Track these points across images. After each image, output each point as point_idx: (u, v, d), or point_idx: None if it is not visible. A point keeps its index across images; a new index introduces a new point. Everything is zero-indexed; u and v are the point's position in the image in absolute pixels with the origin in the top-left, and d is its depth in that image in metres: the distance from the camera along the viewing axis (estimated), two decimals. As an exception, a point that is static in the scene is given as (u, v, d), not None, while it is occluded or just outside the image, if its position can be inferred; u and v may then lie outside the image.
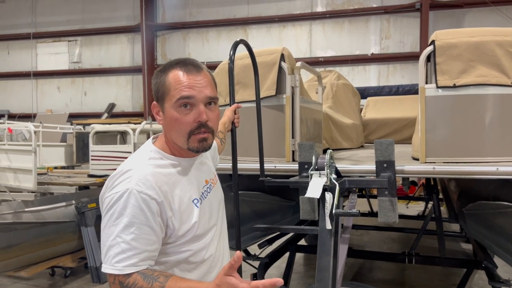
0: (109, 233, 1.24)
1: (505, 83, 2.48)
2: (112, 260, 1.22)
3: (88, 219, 4.49)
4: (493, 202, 2.75)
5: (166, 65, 1.40)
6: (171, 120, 1.34)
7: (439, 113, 2.57)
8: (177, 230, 1.33)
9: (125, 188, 1.26)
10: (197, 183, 1.44)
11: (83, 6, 15.12)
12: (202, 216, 1.40)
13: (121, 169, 1.33)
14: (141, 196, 1.25)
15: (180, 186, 1.37)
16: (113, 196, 1.26)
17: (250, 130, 2.76)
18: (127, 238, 1.22)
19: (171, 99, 1.33)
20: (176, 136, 1.36)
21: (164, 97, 1.35)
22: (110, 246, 1.23)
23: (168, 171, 1.36)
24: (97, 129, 6.70)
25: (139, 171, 1.31)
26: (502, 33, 2.56)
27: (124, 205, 1.24)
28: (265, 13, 13.31)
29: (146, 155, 1.39)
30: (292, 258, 4.09)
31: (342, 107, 5.10)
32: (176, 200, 1.34)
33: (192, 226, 1.36)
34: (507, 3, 11.17)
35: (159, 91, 1.37)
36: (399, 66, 12.37)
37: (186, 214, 1.36)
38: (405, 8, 12.07)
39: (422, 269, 5.07)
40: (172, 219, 1.32)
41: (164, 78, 1.36)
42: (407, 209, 9.00)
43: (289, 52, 3.12)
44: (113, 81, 15.14)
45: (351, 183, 2.34)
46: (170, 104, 1.33)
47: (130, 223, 1.23)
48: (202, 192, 1.45)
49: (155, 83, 1.39)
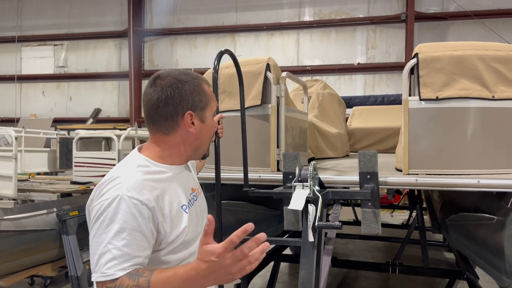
0: (99, 241, 1.22)
1: (486, 96, 2.52)
2: (103, 268, 1.19)
3: (70, 227, 4.40)
4: (475, 213, 2.79)
5: (195, 77, 1.45)
6: (211, 127, 1.50)
7: (422, 125, 2.59)
8: (168, 235, 1.33)
9: (115, 194, 1.25)
10: (185, 190, 1.45)
11: (70, 10, 14.98)
12: (191, 222, 1.41)
13: (109, 176, 1.32)
14: (132, 201, 1.24)
15: (170, 192, 1.37)
16: (103, 203, 1.25)
17: (235, 139, 2.75)
18: (119, 244, 1.20)
19: (212, 108, 1.48)
20: (207, 142, 1.50)
21: (206, 106, 1.45)
22: (102, 253, 1.20)
23: (157, 177, 1.36)
24: (81, 135, 6.61)
25: (128, 177, 1.30)
26: (483, 47, 2.61)
27: (115, 212, 1.23)
28: (253, 21, 13.38)
29: (134, 162, 1.38)
30: (277, 267, 4.07)
31: (327, 117, 5.13)
32: (166, 205, 1.34)
33: (182, 231, 1.36)
34: (490, 16, 11.42)
35: (201, 101, 1.43)
36: (384, 76, 12.53)
37: (176, 219, 1.36)
38: (391, 19, 12.26)
39: (406, 279, 5.09)
40: (163, 224, 1.31)
41: (201, 88, 1.44)
42: (392, 218, 9.06)
43: (274, 62, 3.13)
44: (99, 86, 15.00)
45: (334, 194, 2.35)
46: (211, 113, 1.48)
47: (121, 229, 1.21)
48: (189, 199, 1.46)
49: (191, 92, 1.39)
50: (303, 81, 4.18)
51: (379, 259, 6.11)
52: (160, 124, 1.40)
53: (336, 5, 12.77)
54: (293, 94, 4.83)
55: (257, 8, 13.36)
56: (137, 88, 14.21)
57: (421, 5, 11.99)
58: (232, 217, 3.19)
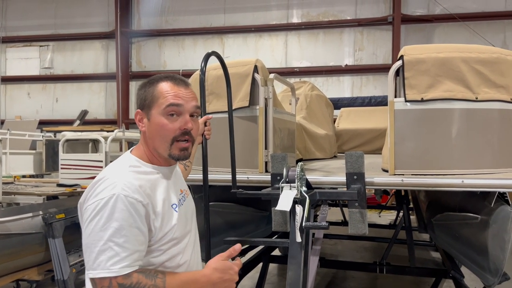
0: (97, 239, 1.25)
1: (470, 98, 2.56)
2: (107, 264, 1.23)
3: (56, 230, 4.34)
4: (460, 213, 2.83)
5: (155, 78, 1.48)
6: (157, 126, 1.41)
7: (408, 126, 2.63)
8: (158, 232, 1.37)
9: (111, 193, 1.28)
10: (175, 190, 1.50)
11: (56, 11, 14.81)
12: (180, 221, 1.45)
13: (102, 176, 1.36)
14: (128, 200, 1.28)
15: (161, 191, 1.42)
16: (98, 202, 1.28)
17: (224, 141, 2.75)
18: (120, 241, 1.24)
19: (159, 106, 1.41)
20: (159, 142, 1.42)
21: (152, 105, 1.42)
22: (101, 251, 1.24)
23: (148, 177, 1.41)
24: (67, 137, 6.54)
25: (122, 177, 1.34)
26: (467, 49, 2.65)
27: (112, 210, 1.26)
28: (241, 23, 13.39)
29: (126, 163, 1.43)
30: (265, 268, 4.09)
31: (315, 118, 5.16)
32: (158, 203, 1.38)
33: (171, 228, 1.40)
34: (474, 19, 11.62)
35: (146, 99, 1.44)
36: (372, 77, 12.65)
37: (167, 217, 1.40)
38: (378, 21, 12.38)
39: (394, 278, 5.14)
40: (155, 221, 1.36)
41: (152, 88, 1.44)
42: (379, 218, 9.14)
43: (262, 64, 3.14)
44: (86, 88, 14.85)
45: (321, 195, 2.37)
46: (158, 110, 1.41)
47: (120, 227, 1.25)
48: (179, 199, 1.51)
49: (142, 93, 1.46)
50: (291, 82, 4.20)
51: (367, 259, 6.16)
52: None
53: (323, 7, 12.86)
54: (281, 96, 4.85)
55: (245, 10, 13.38)
56: (125, 89, 14.12)
57: (407, 8, 12.14)
58: (221, 219, 3.19)
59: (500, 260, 2.30)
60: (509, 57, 2.68)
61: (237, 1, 13.42)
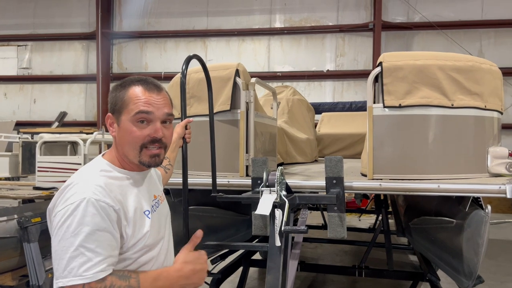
0: (67, 245, 1.20)
1: (446, 104, 2.63)
2: (79, 270, 1.18)
3: (32, 234, 4.24)
4: (436, 217, 2.89)
5: (127, 80, 1.43)
6: (126, 132, 1.38)
7: (386, 132, 2.68)
8: (130, 239, 1.34)
9: (81, 198, 1.24)
10: (147, 196, 1.47)
11: (35, 10, 14.53)
12: (153, 227, 1.42)
13: (72, 181, 1.32)
14: (99, 204, 1.25)
15: (132, 197, 1.38)
16: (68, 207, 1.23)
17: (204, 144, 2.75)
18: (91, 247, 1.20)
19: (129, 112, 1.37)
20: (128, 149, 1.39)
21: (122, 110, 1.38)
22: (72, 257, 1.19)
23: (120, 183, 1.38)
24: (45, 139, 6.41)
25: (93, 181, 1.30)
26: (444, 57, 2.72)
27: (83, 215, 1.22)
28: (224, 26, 13.40)
29: (97, 167, 1.39)
30: (245, 273, 4.08)
31: (297, 122, 5.20)
32: (130, 210, 1.35)
33: (144, 235, 1.37)
34: (452, 27, 11.92)
35: (117, 104, 1.40)
36: (353, 83, 12.81)
37: (139, 224, 1.37)
38: (359, 28, 12.57)
39: (372, 282, 5.20)
40: (126, 228, 1.33)
41: (123, 92, 1.39)
42: (359, 222, 9.24)
43: (244, 68, 3.15)
44: (65, 89, 14.58)
45: (301, 199, 2.38)
46: (128, 117, 1.37)
47: (92, 232, 1.21)
48: (152, 205, 1.47)
49: (113, 96, 1.42)
50: (273, 87, 4.22)
51: (346, 263, 6.21)
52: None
53: (306, 13, 12.98)
54: (263, 100, 4.87)
55: (228, 14, 13.40)
56: (105, 91, 13.93)
57: (388, 15, 12.37)
58: (201, 223, 3.17)
59: (474, 263, 2.35)
60: (484, 65, 2.76)
61: (220, 4, 13.43)
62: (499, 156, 2.71)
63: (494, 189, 2.35)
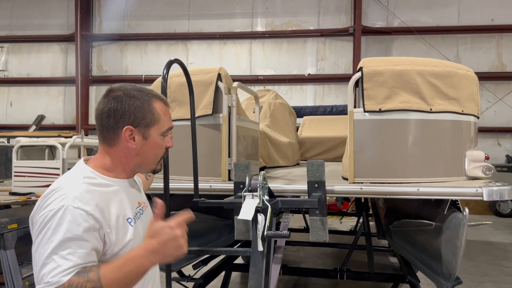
0: (42, 252, 1.19)
1: (424, 109, 2.68)
2: (47, 277, 1.16)
3: (8, 241, 4.13)
4: (415, 220, 2.94)
5: (142, 91, 1.45)
6: (155, 145, 1.46)
7: (366, 136, 2.71)
8: (113, 246, 1.33)
9: (60, 205, 1.24)
10: (130, 203, 1.46)
11: (12, 11, 14.19)
12: (136, 235, 1.41)
13: (54, 187, 1.32)
14: (78, 212, 1.24)
15: (115, 204, 1.38)
16: (47, 214, 1.23)
17: (186, 149, 2.73)
18: (63, 253, 1.19)
19: (160, 128, 1.45)
20: (151, 160, 1.48)
21: (151, 124, 1.44)
22: (44, 264, 1.18)
23: (103, 189, 1.37)
24: (22, 143, 6.25)
25: (74, 188, 1.30)
26: (422, 63, 2.78)
27: (59, 222, 1.21)
28: (206, 29, 13.36)
29: (80, 174, 1.39)
30: (228, 277, 4.06)
31: (279, 126, 5.22)
32: (112, 217, 1.35)
33: (127, 243, 1.37)
34: (430, 32, 12.18)
35: (145, 118, 1.43)
36: (334, 86, 12.94)
37: (122, 232, 1.37)
38: (339, 32, 12.71)
39: (354, 284, 5.25)
40: (110, 235, 1.32)
41: (146, 106, 1.43)
42: (340, 224, 9.32)
43: (226, 72, 3.15)
44: (43, 92, 14.27)
45: (284, 203, 2.39)
46: (158, 131, 1.45)
47: (65, 239, 1.20)
48: (135, 213, 1.47)
49: (135, 107, 1.41)
50: (255, 91, 4.23)
51: (328, 265, 6.25)
52: (103, 134, 1.44)
53: (287, 17, 13.06)
54: (245, 104, 4.88)
55: (210, 17, 13.37)
56: (84, 94, 13.70)
57: (367, 20, 12.55)
58: (183, 228, 3.15)
59: (453, 265, 2.40)
60: (460, 71, 2.83)
61: (202, 8, 13.39)
62: (476, 160, 2.78)
63: (471, 192, 2.41)
